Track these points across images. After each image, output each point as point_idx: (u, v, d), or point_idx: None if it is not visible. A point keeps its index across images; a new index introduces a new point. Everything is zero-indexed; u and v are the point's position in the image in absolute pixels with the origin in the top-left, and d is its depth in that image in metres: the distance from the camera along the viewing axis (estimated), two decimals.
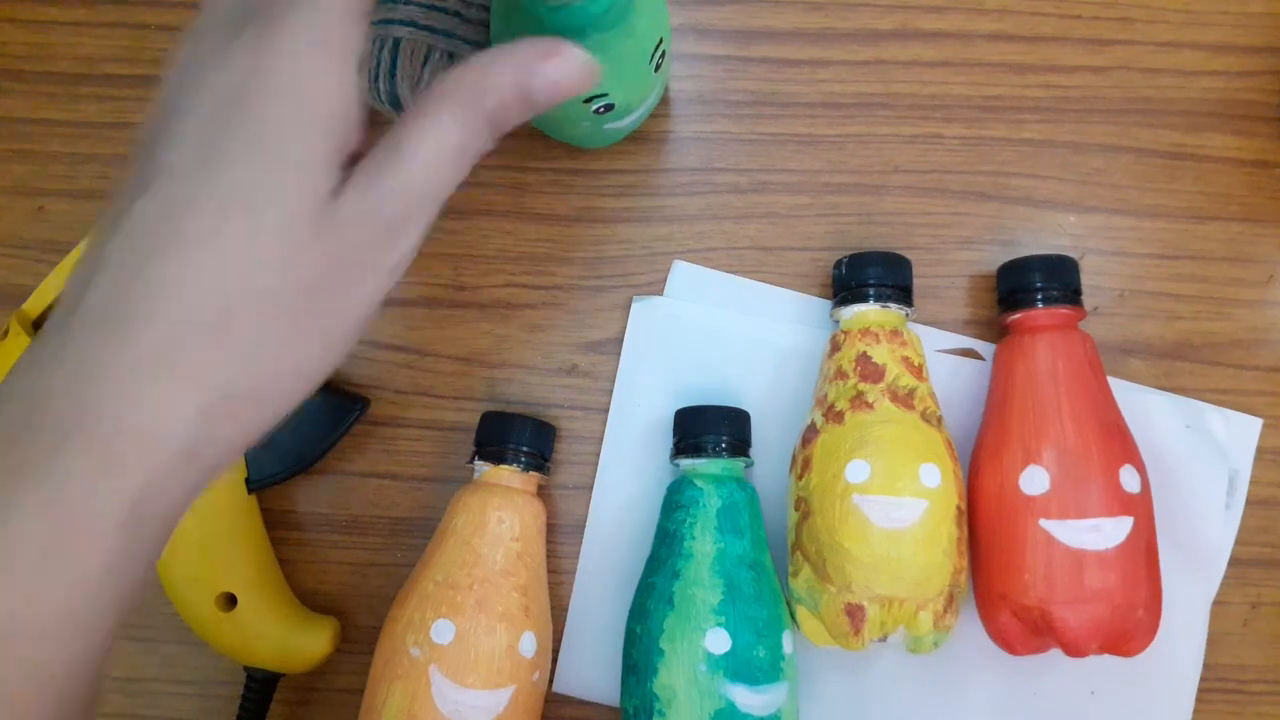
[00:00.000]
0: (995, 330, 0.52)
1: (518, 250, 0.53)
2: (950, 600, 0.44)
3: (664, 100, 0.53)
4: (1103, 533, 0.43)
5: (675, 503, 0.45)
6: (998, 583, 0.45)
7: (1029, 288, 0.48)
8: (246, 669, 0.49)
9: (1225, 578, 0.50)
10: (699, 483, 0.44)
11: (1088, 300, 0.51)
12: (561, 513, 0.52)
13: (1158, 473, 0.48)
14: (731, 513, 0.43)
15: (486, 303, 0.53)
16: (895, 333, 0.46)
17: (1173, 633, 0.47)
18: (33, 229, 0.53)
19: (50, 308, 0.49)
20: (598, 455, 0.51)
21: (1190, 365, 0.52)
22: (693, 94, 0.54)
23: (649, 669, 0.41)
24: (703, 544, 0.43)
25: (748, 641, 0.41)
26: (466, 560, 0.46)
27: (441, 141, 0.29)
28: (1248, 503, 0.51)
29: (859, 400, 0.45)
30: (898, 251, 0.49)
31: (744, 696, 0.40)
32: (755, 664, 0.41)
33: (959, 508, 0.45)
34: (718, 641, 0.40)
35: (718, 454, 0.45)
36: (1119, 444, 0.45)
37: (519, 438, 0.48)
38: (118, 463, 0.24)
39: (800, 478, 0.45)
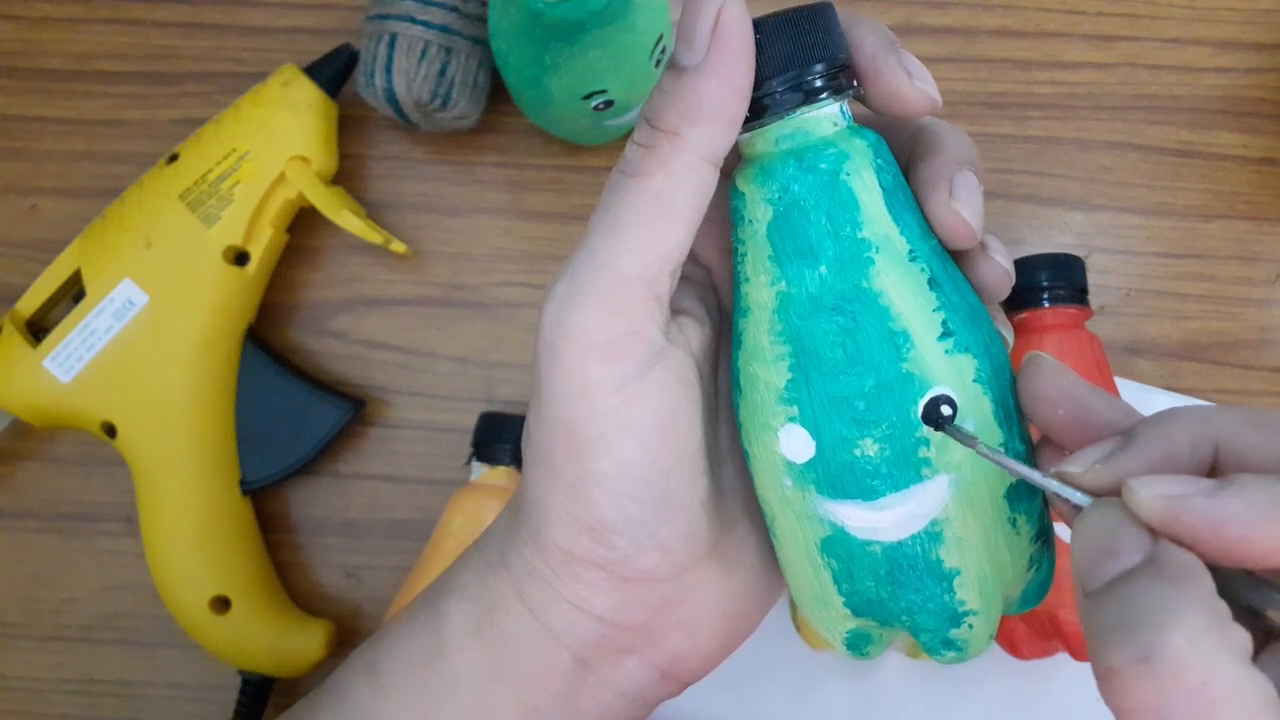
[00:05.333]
0: None
1: (516, 249, 0.53)
2: None
3: None
4: None
5: (730, 219, 0.26)
6: None
7: (1035, 287, 0.47)
8: (241, 672, 0.49)
9: None
10: (740, 181, 0.25)
11: (1094, 299, 0.50)
12: None
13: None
14: (793, 221, 0.24)
15: (484, 302, 0.52)
16: None
17: None
18: (26, 227, 0.53)
19: (44, 307, 0.48)
20: None
21: (1197, 365, 0.52)
22: None
23: (750, 470, 0.27)
24: (757, 288, 0.25)
25: (842, 436, 0.24)
26: None
27: None
28: None
29: None
30: None
31: (857, 516, 0.25)
32: (863, 468, 0.24)
33: None
34: (795, 444, 0.25)
35: (777, 111, 0.24)
36: None
37: (516, 439, 0.48)
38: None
39: None
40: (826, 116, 0.25)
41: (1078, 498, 0.22)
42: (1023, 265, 0.48)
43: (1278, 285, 0.53)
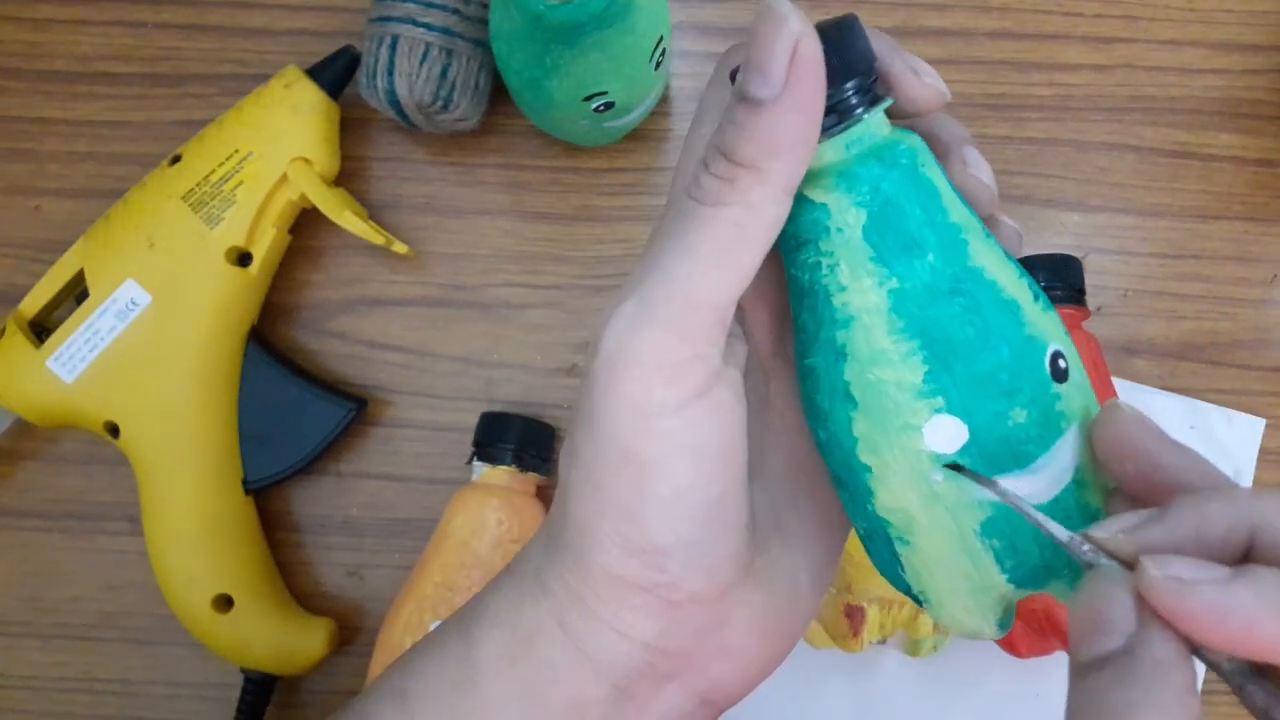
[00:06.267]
0: None
1: (516, 249, 0.53)
2: None
3: (664, 98, 0.53)
4: None
5: (796, 237, 0.26)
6: None
7: None
8: (243, 671, 0.49)
9: None
10: (816, 193, 0.25)
11: (1091, 300, 0.50)
12: None
13: None
14: (890, 218, 0.25)
15: (485, 302, 0.53)
16: None
17: None
18: (29, 228, 0.53)
19: (47, 308, 0.49)
20: None
21: (1194, 365, 0.52)
22: (694, 92, 0.53)
23: (860, 489, 0.26)
24: (860, 294, 0.25)
25: (995, 411, 0.25)
26: (465, 562, 0.45)
27: None
28: None
29: None
30: None
31: (1016, 487, 0.25)
32: (1017, 437, 0.25)
33: None
34: (944, 434, 0.25)
35: (843, 119, 0.25)
36: None
37: (518, 438, 0.48)
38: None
39: None
40: (882, 118, 0.25)
41: (1099, 562, 0.22)
42: (1021, 266, 0.48)
43: (1274, 285, 0.53)
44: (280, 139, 0.48)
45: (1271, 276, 0.53)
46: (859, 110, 0.25)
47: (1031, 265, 0.48)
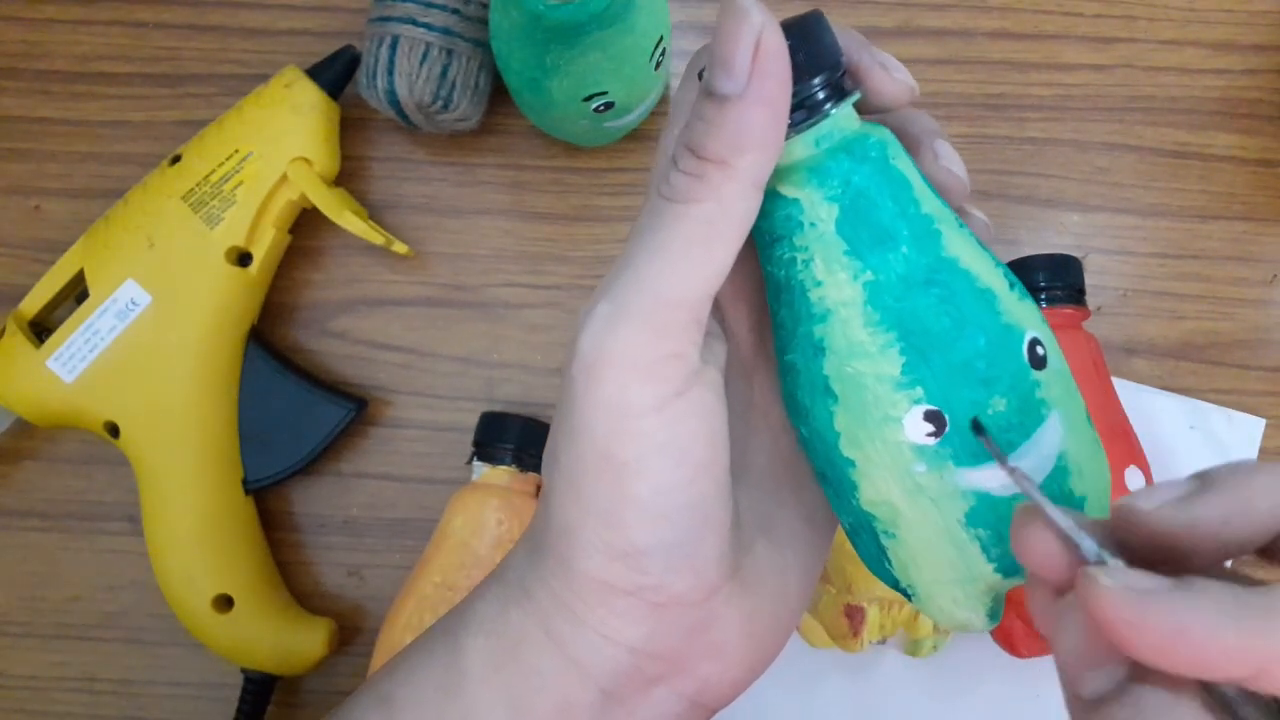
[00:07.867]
0: None
1: (517, 249, 0.53)
2: None
3: (664, 98, 0.53)
4: None
5: (770, 233, 0.26)
6: None
7: (1032, 287, 0.47)
8: (243, 671, 0.49)
9: None
10: (788, 189, 0.25)
11: (1091, 300, 0.50)
12: None
13: (1161, 474, 0.47)
14: (862, 211, 0.25)
15: (485, 302, 0.53)
16: None
17: None
18: (29, 228, 0.53)
19: (47, 308, 0.49)
20: None
21: (1194, 365, 0.52)
22: None
23: (844, 484, 0.26)
24: (835, 288, 0.25)
25: (974, 400, 0.25)
26: (465, 562, 0.45)
27: None
28: None
29: None
30: None
31: (1000, 476, 0.25)
32: (998, 425, 0.25)
33: None
34: (925, 425, 0.25)
35: (812, 114, 0.25)
36: (1124, 445, 0.45)
37: (518, 438, 0.48)
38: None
39: None
40: (850, 113, 0.25)
41: (1091, 550, 0.21)
42: (1020, 266, 0.48)
43: (1274, 285, 0.53)
44: (280, 139, 0.48)
45: (1271, 276, 0.53)
46: (827, 105, 0.25)
47: (1031, 265, 0.48)
